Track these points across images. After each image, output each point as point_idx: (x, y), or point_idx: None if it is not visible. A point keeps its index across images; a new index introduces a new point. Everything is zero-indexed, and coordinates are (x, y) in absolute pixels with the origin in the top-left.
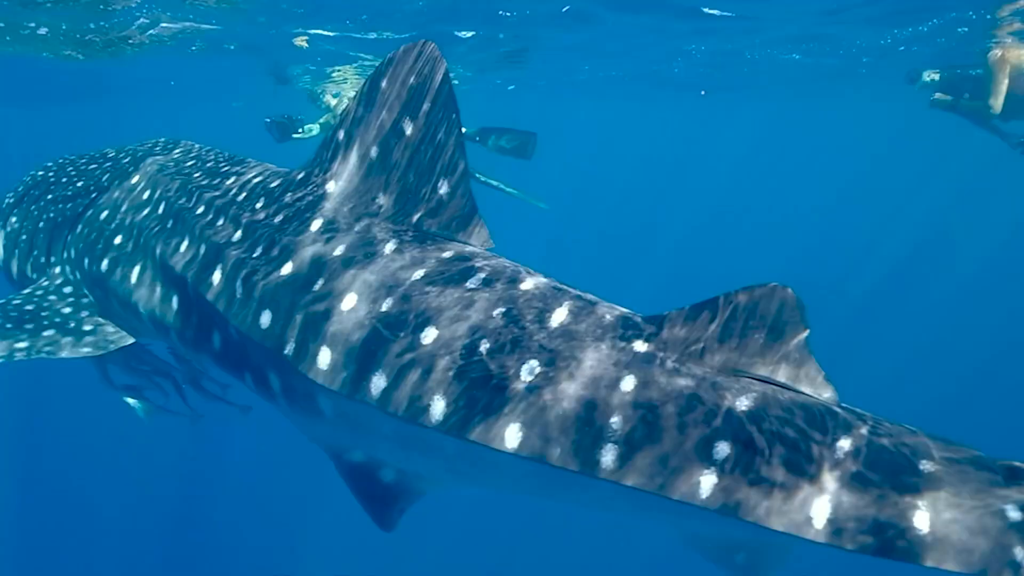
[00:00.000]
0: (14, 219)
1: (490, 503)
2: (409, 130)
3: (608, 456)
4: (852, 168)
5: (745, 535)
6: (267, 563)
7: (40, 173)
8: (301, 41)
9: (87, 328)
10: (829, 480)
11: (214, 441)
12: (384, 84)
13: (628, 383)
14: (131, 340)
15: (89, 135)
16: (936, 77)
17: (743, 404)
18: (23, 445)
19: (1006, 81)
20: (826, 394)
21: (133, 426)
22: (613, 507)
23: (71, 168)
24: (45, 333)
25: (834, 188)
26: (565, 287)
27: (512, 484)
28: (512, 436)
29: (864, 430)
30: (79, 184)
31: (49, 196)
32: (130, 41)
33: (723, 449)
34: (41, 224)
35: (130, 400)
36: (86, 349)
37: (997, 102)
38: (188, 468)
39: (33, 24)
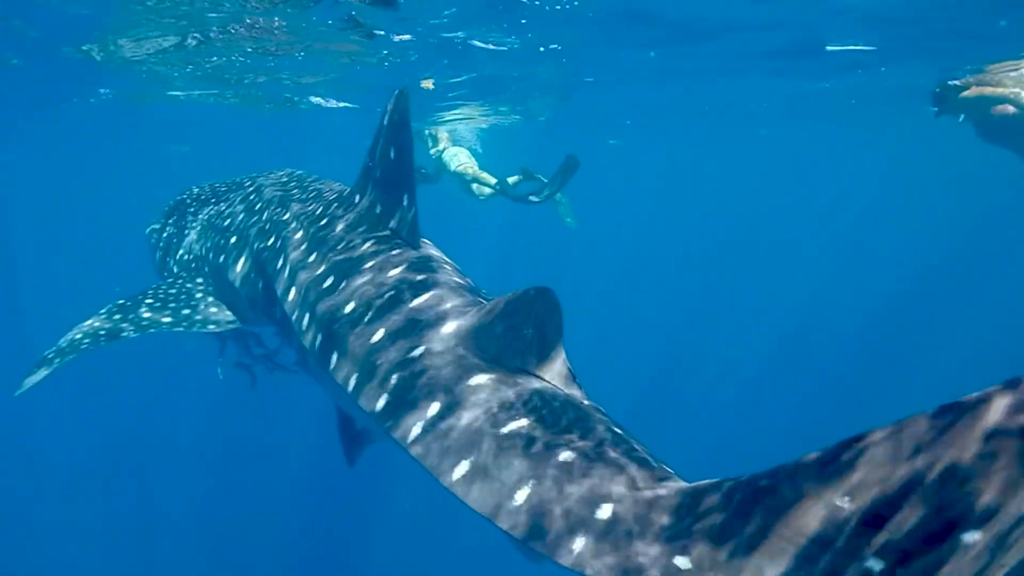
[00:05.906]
0: (167, 227)
1: None
2: (393, 155)
3: (380, 402)
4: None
5: None
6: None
7: (187, 193)
8: (427, 84)
9: (212, 312)
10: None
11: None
12: (386, 121)
13: (416, 352)
14: (240, 325)
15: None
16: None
17: (474, 380)
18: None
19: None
20: (574, 391)
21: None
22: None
23: (209, 189)
24: (183, 312)
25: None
26: (448, 280)
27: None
28: (350, 379)
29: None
30: (213, 201)
31: (191, 210)
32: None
33: (434, 408)
34: (186, 231)
35: (239, 371)
36: (211, 326)
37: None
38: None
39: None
